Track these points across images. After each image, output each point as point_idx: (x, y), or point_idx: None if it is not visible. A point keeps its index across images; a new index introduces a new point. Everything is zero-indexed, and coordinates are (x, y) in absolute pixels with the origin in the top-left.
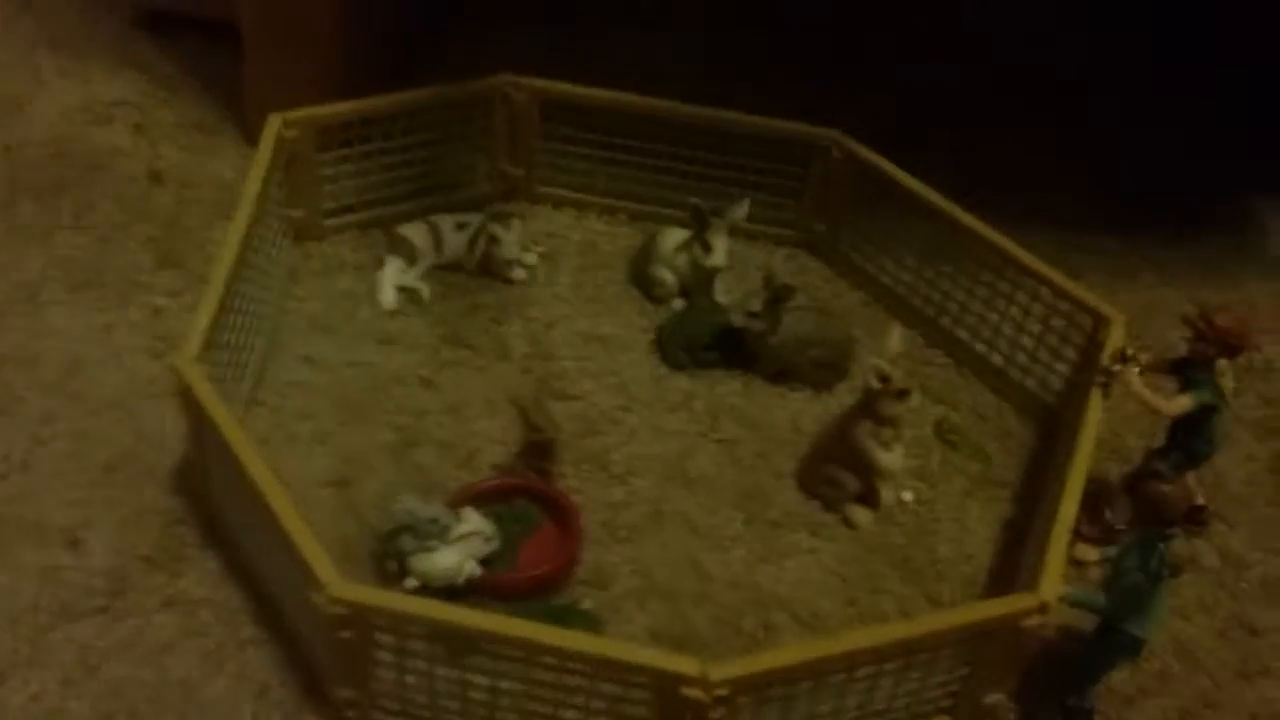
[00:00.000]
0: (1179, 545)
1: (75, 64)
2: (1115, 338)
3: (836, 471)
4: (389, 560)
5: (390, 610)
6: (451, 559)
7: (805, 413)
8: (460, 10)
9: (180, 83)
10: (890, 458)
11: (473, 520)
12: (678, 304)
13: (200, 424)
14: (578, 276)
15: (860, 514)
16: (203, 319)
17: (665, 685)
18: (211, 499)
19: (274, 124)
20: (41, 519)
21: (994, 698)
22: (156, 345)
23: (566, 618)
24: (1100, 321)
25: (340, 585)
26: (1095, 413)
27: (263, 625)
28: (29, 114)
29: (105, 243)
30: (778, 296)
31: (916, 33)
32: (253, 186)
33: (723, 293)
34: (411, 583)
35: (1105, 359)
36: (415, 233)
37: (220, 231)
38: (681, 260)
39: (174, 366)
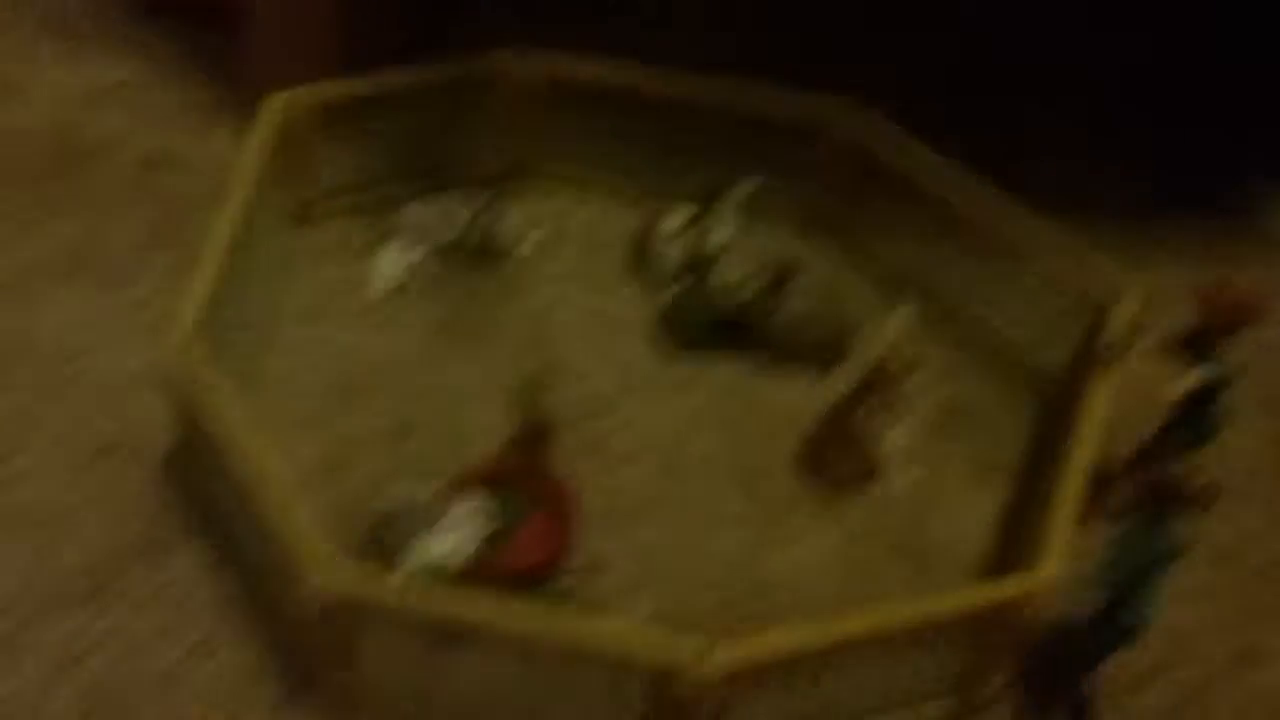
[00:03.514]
0: (1183, 526)
1: (74, 49)
2: (1120, 317)
3: (838, 453)
4: (382, 546)
5: (378, 599)
6: (444, 545)
7: (807, 395)
8: None
9: (179, 66)
10: (892, 438)
11: (467, 505)
12: (680, 285)
13: (192, 409)
14: (579, 258)
15: (861, 495)
16: (196, 301)
17: (659, 676)
18: (202, 486)
19: (272, 104)
20: (31, 506)
21: (994, 683)
22: (150, 330)
23: (558, 605)
24: (1106, 301)
25: (330, 575)
26: (1100, 391)
27: (252, 615)
28: (26, 99)
29: (100, 228)
30: (780, 277)
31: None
32: (248, 168)
33: (726, 273)
34: (404, 569)
35: (1109, 336)
36: (415, 214)
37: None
38: (684, 241)
39: (167, 349)
